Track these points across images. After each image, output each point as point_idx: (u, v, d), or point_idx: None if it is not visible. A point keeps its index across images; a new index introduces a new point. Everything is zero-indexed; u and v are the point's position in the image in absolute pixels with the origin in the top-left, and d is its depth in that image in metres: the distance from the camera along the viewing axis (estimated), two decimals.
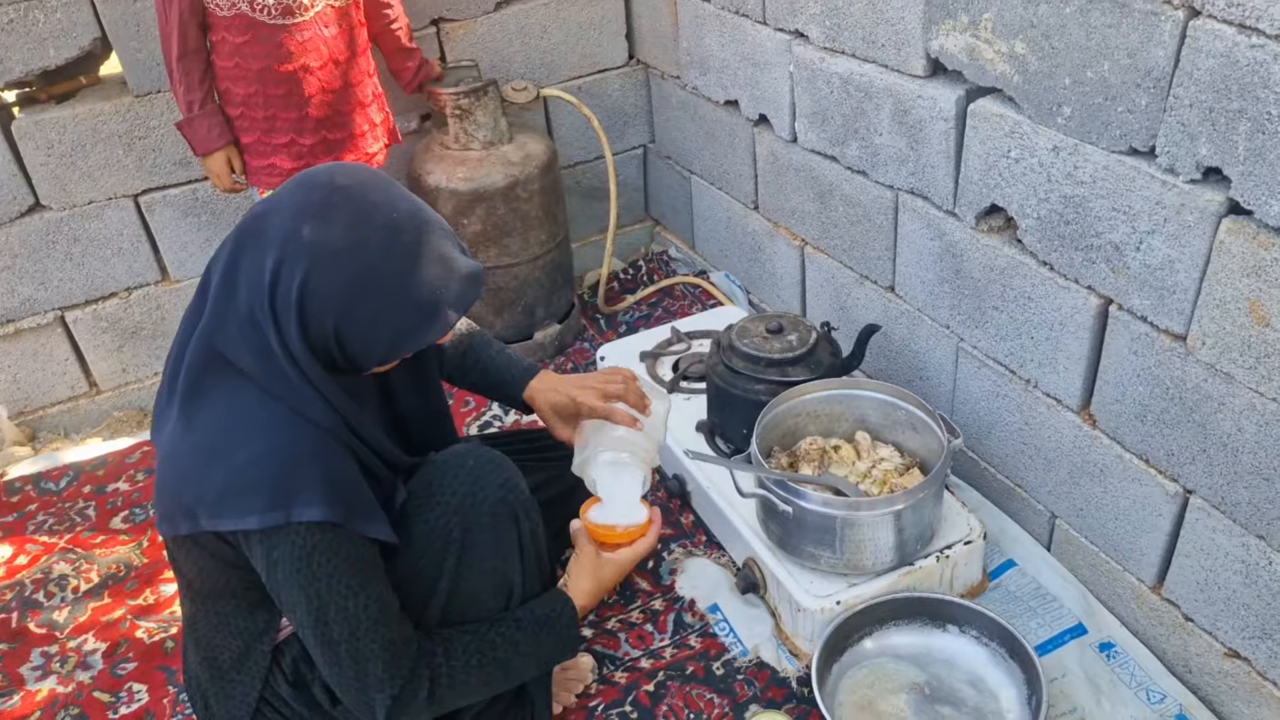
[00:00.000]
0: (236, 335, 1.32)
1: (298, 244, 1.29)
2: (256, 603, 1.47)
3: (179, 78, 2.24)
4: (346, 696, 1.40)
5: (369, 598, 1.37)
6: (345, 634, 1.35)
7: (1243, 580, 1.60)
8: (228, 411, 1.33)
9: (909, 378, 2.27)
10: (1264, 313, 1.42)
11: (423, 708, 1.42)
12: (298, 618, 1.37)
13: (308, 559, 1.32)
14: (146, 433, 2.73)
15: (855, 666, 1.81)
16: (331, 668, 1.38)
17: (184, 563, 1.46)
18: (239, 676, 1.52)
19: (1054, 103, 1.65)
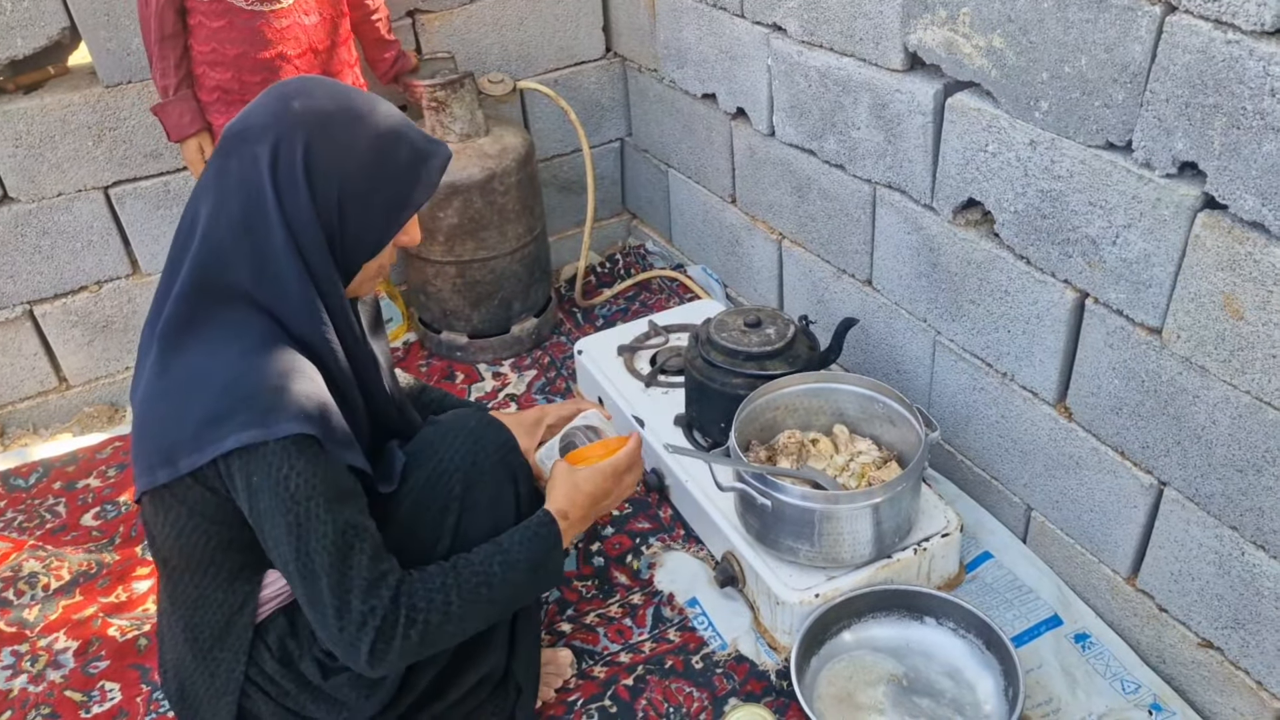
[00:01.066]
0: (228, 245, 1.33)
1: (291, 118, 1.33)
2: (236, 571, 1.46)
3: (156, 62, 2.22)
4: (329, 635, 1.36)
5: (349, 525, 1.34)
6: (326, 564, 1.31)
7: (1216, 571, 1.62)
8: (205, 348, 1.33)
9: (887, 371, 2.28)
10: (1238, 307, 1.43)
11: (410, 644, 1.37)
12: (281, 553, 1.33)
13: (286, 480, 1.29)
14: (119, 428, 2.70)
15: (834, 659, 1.82)
16: (314, 605, 1.34)
17: (161, 530, 1.43)
18: (222, 653, 1.50)
19: (1031, 97, 1.66)
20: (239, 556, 1.44)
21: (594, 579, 2.09)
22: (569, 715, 1.81)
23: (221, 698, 1.51)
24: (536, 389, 2.73)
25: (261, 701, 1.52)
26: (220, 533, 1.41)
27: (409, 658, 1.40)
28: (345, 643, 1.35)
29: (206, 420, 1.30)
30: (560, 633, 1.96)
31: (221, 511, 1.38)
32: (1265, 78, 1.29)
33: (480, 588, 1.43)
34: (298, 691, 1.53)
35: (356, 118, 1.36)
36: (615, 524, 2.21)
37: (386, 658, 1.36)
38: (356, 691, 1.53)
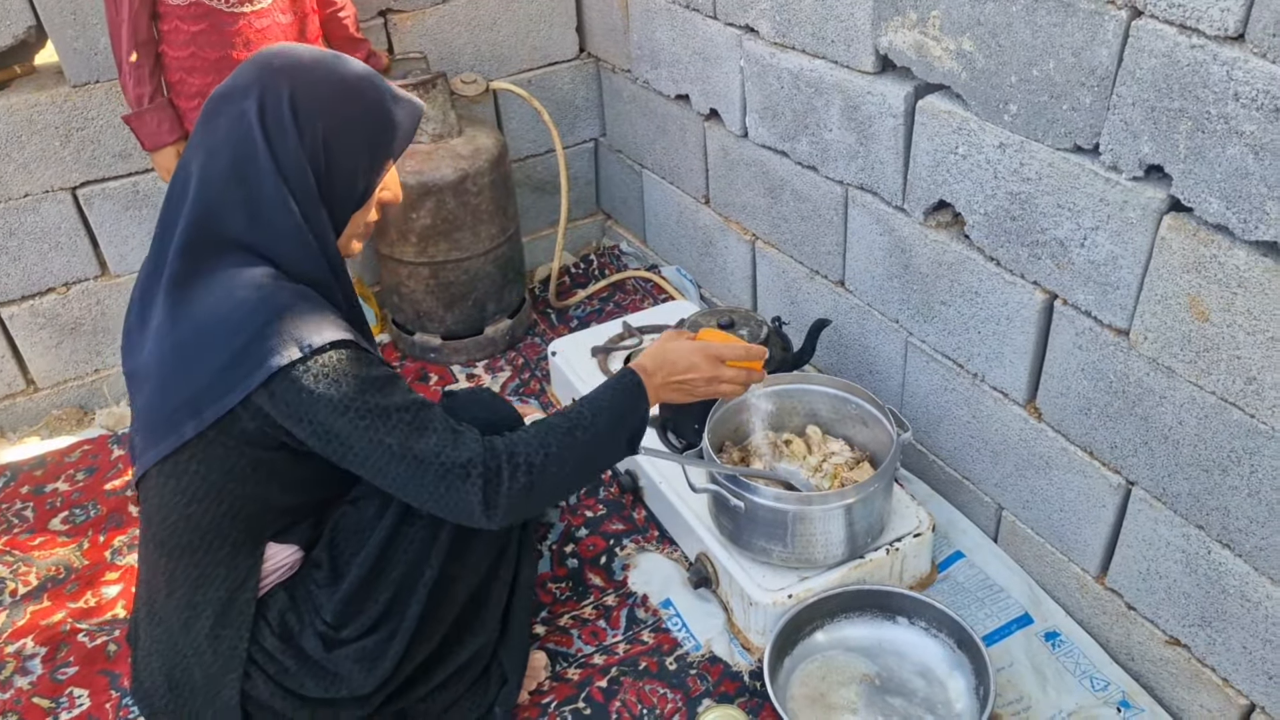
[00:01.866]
0: (222, 196, 1.37)
1: (273, 72, 1.39)
2: (239, 544, 1.47)
3: (129, 70, 2.18)
4: (436, 500, 1.39)
5: (413, 400, 1.39)
6: (403, 438, 1.36)
7: (1183, 569, 1.63)
8: (214, 296, 1.36)
9: (859, 372, 2.29)
10: (1204, 308, 1.45)
11: (518, 486, 1.40)
12: (355, 452, 1.36)
13: (338, 383, 1.34)
14: (87, 431, 2.67)
15: (807, 659, 1.83)
16: (412, 480, 1.38)
17: (171, 499, 1.42)
18: (224, 630, 1.50)
19: (1001, 100, 1.67)
20: (244, 526, 1.46)
21: (568, 581, 2.09)
22: (543, 717, 1.80)
23: (225, 675, 1.51)
24: (511, 390, 2.72)
25: (260, 681, 1.52)
26: (233, 492, 1.42)
27: (524, 501, 1.42)
28: (456, 499, 1.38)
29: (234, 359, 1.32)
30: (534, 635, 1.96)
31: (240, 467, 1.40)
32: (1229, 82, 1.31)
33: (574, 430, 1.47)
34: (297, 668, 1.53)
35: (334, 70, 1.42)
36: (589, 526, 2.21)
37: (498, 501, 1.39)
38: (358, 665, 1.54)
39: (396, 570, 1.55)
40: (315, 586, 1.55)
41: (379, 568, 1.54)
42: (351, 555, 1.55)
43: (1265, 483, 1.45)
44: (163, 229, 1.43)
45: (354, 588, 1.53)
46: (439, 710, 1.70)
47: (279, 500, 1.49)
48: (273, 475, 1.44)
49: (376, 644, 1.55)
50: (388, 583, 1.55)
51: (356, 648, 1.54)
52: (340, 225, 1.48)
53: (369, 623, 1.55)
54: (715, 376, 1.63)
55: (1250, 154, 1.31)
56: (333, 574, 1.55)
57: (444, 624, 1.62)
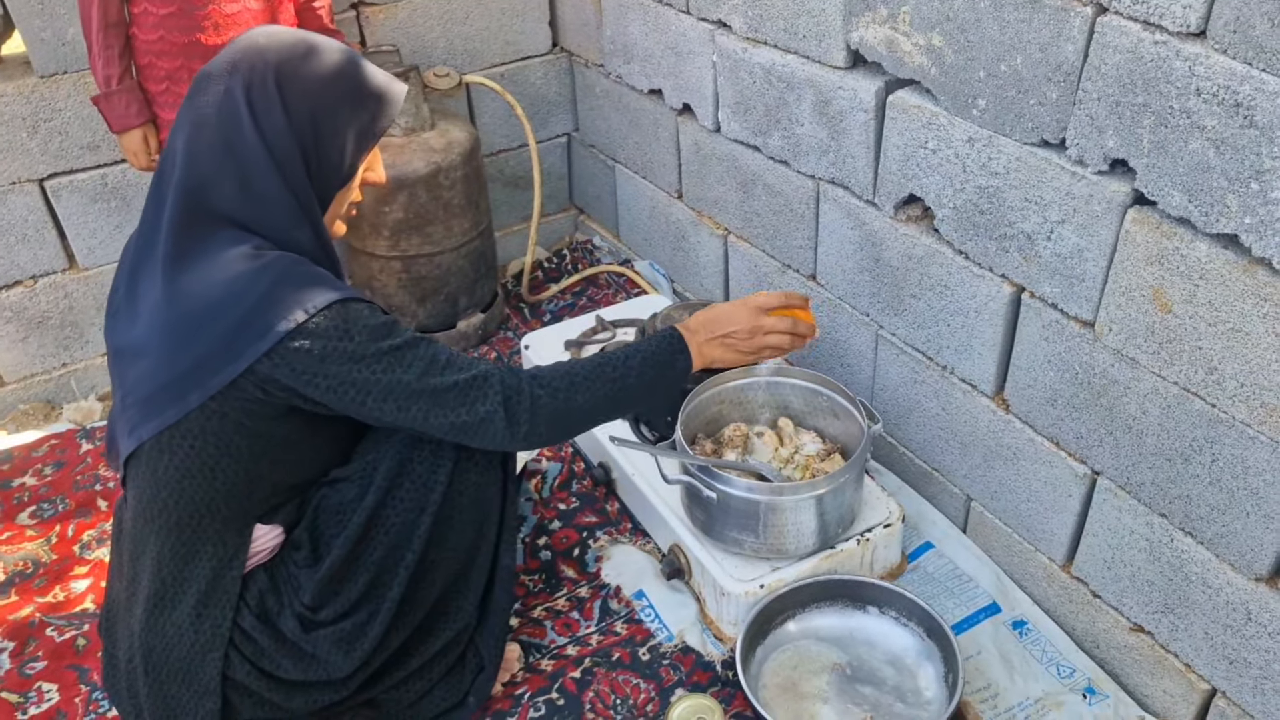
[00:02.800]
0: (211, 170, 1.39)
1: (258, 52, 1.41)
2: (229, 520, 1.48)
3: (98, 51, 2.17)
4: (464, 423, 1.44)
5: (418, 340, 1.44)
6: (420, 372, 1.41)
7: (1147, 557, 1.66)
8: (214, 266, 1.38)
9: (830, 365, 2.31)
10: (1166, 300, 1.47)
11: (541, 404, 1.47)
12: (374, 396, 1.40)
13: (347, 334, 1.37)
14: (55, 425, 2.65)
15: (779, 649, 1.84)
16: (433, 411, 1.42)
17: (164, 474, 1.43)
18: (208, 609, 1.50)
19: (969, 95, 1.69)
20: (235, 505, 1.47)
21: (541, 573, 2.09)
22: (516, 709, 1.81)
23: (207, 654, 1.51)
24: None
25: (237, 661, 1.53)
26: (227, 468, 1.43)
27: (547, 417, 1.48)
28: (479, 415, 1.44)
29: (239, 326, 1.34)
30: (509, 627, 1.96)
31: (236, 443, 1.41)
32: (1191, 78, 1.33)
33: (604, 366, 1.54)
34: (275, 649, 1.54)
35: (319, 49, 1.45)
36: (562, 518, 2.21)
37: (519, 414, 1.46)
38: (336, 647, 1.55)
39: (377, 552, 1.56)
40: (295, 567, 1.56)
41: (359, 550, 1.55)
42: (332, 537, 1.55)
43: (1226, 471, 1.48)
44: (154, 205, 1.44)
45: (334, 569, 1.54)
46: (413, 698, 1.70)
47: (270, 478, 1.49)
48: (267, 451, 1.45)
49: (355, 626, 1.56)
50: (368, 565, 1.56)
51: (335, 630, 1.55)
52: (326, 203, 1.50)
53: (347, 605, 1.55)
54: (757, 327, 1.68)
55: (1211, 148, 1.34)
56: (313, 555, 1.56)
57: (423, 607, 1.63)
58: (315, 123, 1.42)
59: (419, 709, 1.71)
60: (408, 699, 1.70)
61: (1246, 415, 1.42)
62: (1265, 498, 1.43)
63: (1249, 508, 1.46)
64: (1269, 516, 1.44)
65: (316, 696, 1.59)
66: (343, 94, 1.44)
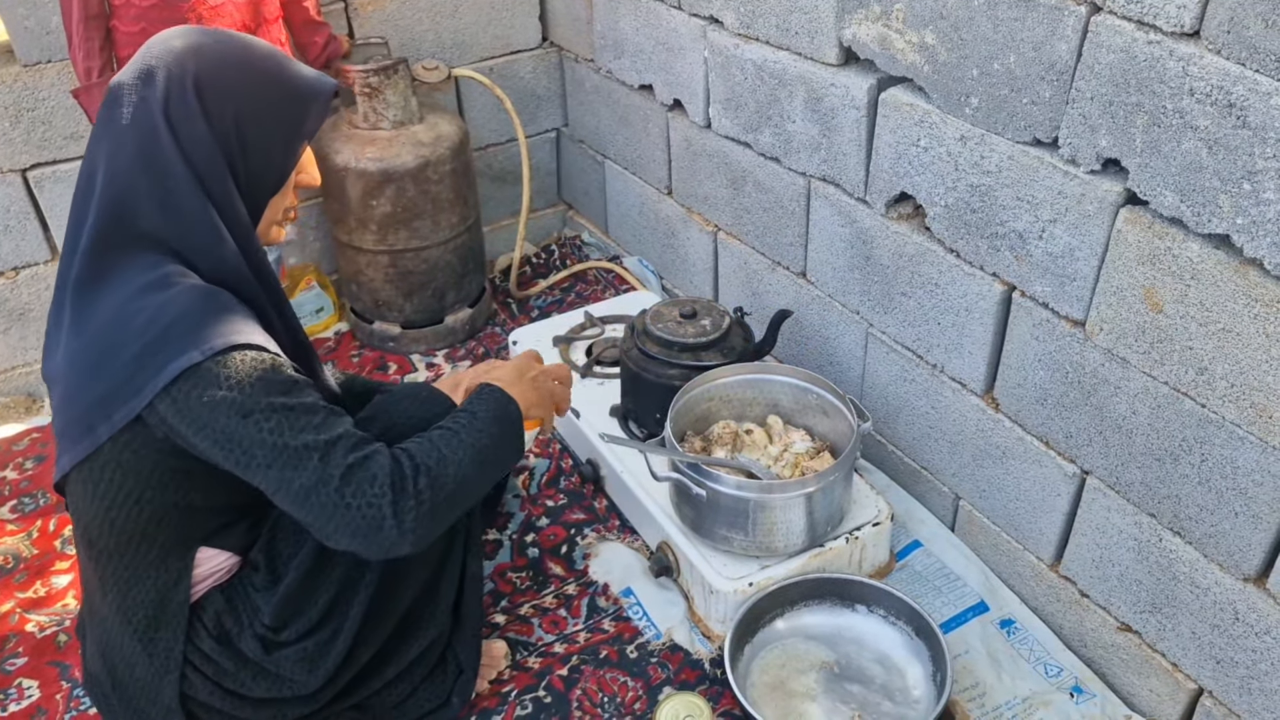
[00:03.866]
0: (130, 187, 1.31)
1: (176, 54, 1.33)
2: (168, 548, 1.43)
3: (79, 44, 2.14)
4: (346, 514, 1.30)
5: (316, 406, 1.33)
6: (307, 441, 1.29)
7: (1135, 557, 1.67)
8: (118, 297, 1.31)
9: (820, 362, 2.31)
10: (1158, 300, 1.47)
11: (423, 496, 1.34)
12: (257, 459, 1.29)
13: (238, 384, 1.27)
14: (36, 419, 2.62)
15: (767, 647, 1.84)
16: (315, 491, 1.29)
17: (90, 506, 1.39)
18: (159, 633, 1.47)
19: (962, 93, 1.69)
20: (170, 531, 1.42)
21: (528, 570, 2.08)
22: (503, 706, 1.80)
23: (164, 677, 1.48)
24: None
25: (199, 682, 1.50)
26: (153, 499, 1.38)
27: (428, 511, 1.35)
28: (364, 508, 1.31)
29: (137, 361, 1.27)
30: (494, 624, 1.95)
31: (155, 474, 1.35)
32: (1184, 77, 1.33)
33: (457, 433, 1.44)
34: (237, 670, 1.51)
35: (240, 49, 1.38)
36: (550, 515, 2.20)
37: (406, 509, 1.32)
38: (300, 665, 1.52)
39: (337, 570, 1.52)
40: (253, 589, 1.52)
41: (317, 568, 1.51)
42: (289, 556, 1.51)
43: (1215, 471, 1.48)
44: (74, 226, 1.37)
45: (292, 589, 1.50)
46: (395, 701, 1.69)
47: (203, 505, 1.44)
48: (191, 483, 1.39)
49: (318, 645, 1.53)
50: (328, 583, 1.52)
51: (297, 649, 1.52)
52: (258, 212, 1.43)
53: (309, 624, 1.52)
54: (545, 371, 1.68)
55: (1204, 148, 1.34)
56: (270, 576, 1.52)
57: (390, 620, 1.60)
58: (240, 130, 1.35)
59: (404, 710, 1.70)
60: (391, 701, 1.68)
61: (1236, 415, 1.42)
62: (1254, 498, 1.44)
63: (1238, 508, 1.47)
64: (1257, 516, 1.44)
65: (286, 711, 1.57)
66: (269, 96, 1.38)
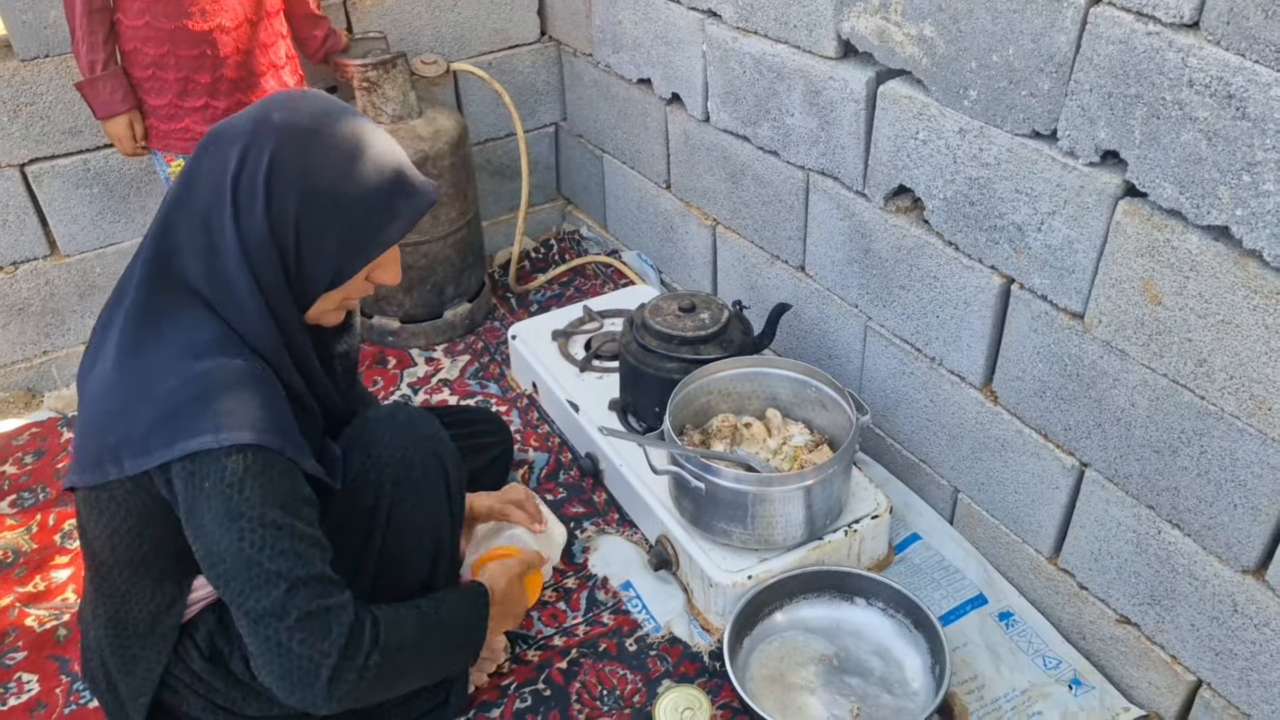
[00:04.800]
0: (185, 239, 1.31)
1: (267, 126, 1.30)
2: (165, 573, 1.43)
3: (82, 37, 2.14)
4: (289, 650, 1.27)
5: (305, 534, 1.29)
6: (281, 568, 1.25)
7: (1134, 549, 1.67)
8: (161, 350, 1.30)
9: (818, 356, 2.31)
10: (1156, 292, 1.47)
11: (367, 669, 1.31)
12: (225, 566, 1.26)
13: (239, 485, 1.24)
14: (36, 414, 2.62)
15: (766, 640, 1.84)
16: (264, 621, 1.26)
17: (95, 526, 1.39)
18: (143, 651, 1.47)
19: (961, 86, 1.69)
20: (170, 562, 1.41)
21: None
22: (503, 699, 1.80)
23: (138, 697, 1.49)
24: (470, 375, 2.71)
25: (191, 699, 1.51)
26: (154, 537, 1.38)
27: (366, 686, 1.33)
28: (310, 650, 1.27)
29: (159, 421, 1.26)
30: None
31: (158, 518, 1.35)
32: (1184, 69, 1.33)
33: (428, 627, 1.44)
34: (228, 689, 1.51)
35: (335, 137, 1.31)
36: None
37: (345, 679, 1.30)
38: None
39: None
40: None
41: None
42: None
43: (1214, 463, 1.48)
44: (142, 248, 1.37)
45: None
46: (395, 702, 1.68)
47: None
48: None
49: None
50: None
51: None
52: (307, 301, 1.39)
53: None
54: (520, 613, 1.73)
55: (1203, 140, 1.34)
56: None
57: None
58: (299, 222, 1.30)
59: (401, 712, 1.70)
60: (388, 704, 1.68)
61: (1235, 407, 1.42)
62: (1253, 490, 1.44)
63: (1237, 500, 1.47)
64: (1256, 508, 1.44)
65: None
66: (345, 197, 1.31)
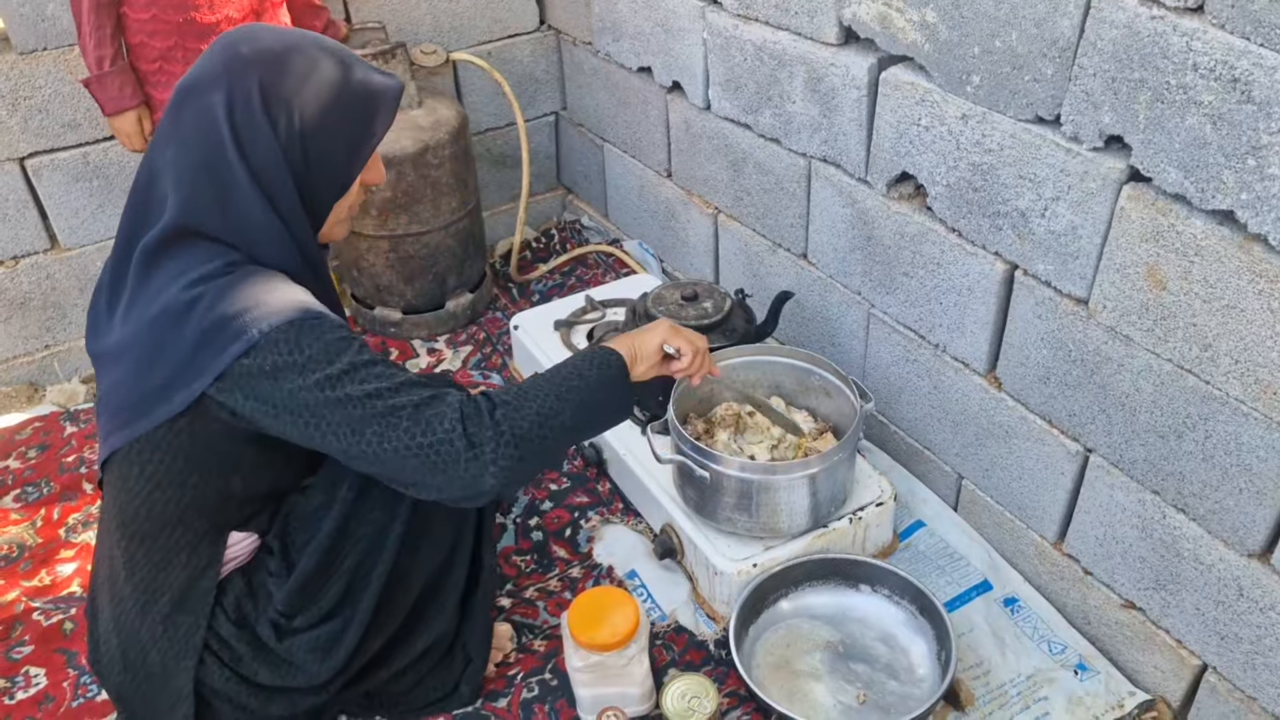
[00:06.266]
0: (197, 192, 1.32)
1: (241, 62, 1.33)
2: (203, 533, 1.45)
3: (89, 32, 2.13)
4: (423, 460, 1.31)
5: (373, 359, 1.33)
6: (371, 390, 1.30)
7: (1139, 534, 1.67)
8: (183, 281, 1.32)
9: (822, 344, 2.30)
10: (1161, 277, 1.47)
11: (503, 433, 1.33)
12: (328, 422, 1.30)
13: (299, 349, 1.28)
14: (38, 408, 2.62)
15: (771, 628, 1.85)
16: (387, 441, 1.30)
17: (134, 486, 1.40)
18: (182, 616, 1.48)
19: (963, 71, 1.68)
20: (207, 518, 1.44)
21: (533, 553, 2.09)
22: (509, 689, 1.80)
23: (180, 661, 1.49)
24: (472, 365, 2.70)
25: (214, 667, 1.51)
26: (197, 484, 1.40)
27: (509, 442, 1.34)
28: (439, 449, 1.31)
29: (200, 344, 1.29)
30: (500, 607, 1.96)
31: (204, 456, 1.37)
32: (1188, 53, 1.33)
33: (544, 376, 1.44)
34: (251, 656, 1.52)
35: (305, 55, 1.36)
36: (554, 499, 2.21)
37: (483, 440, 1.32)
38: (312, 655, 1.53)
39: (349, 561, 1.53)
40: (268, 574, 1.53)
41: (330, 559, 1.52)
42: (303, 544, 1.52)
43: (1219, 447, 1.48)
44: (133, 213, 1.38)
45: (305, 578, 1.51)
46: (405, 690, 1.70)
47: (241, 491, 1.46)
48: (237, 467, 1.41)
49: (330, 634, 1.54)
50: (340, 573, 1.53)
51: (309, 637, 1.53)
52: (322, 216, 1.44)
53: (321, 613, 1.53)
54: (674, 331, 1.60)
55: (1208, 124, 1.33)
56: (284, 563, 1.53)
57: (400, 613, 1.61)
58: (305, 137, 1.35)
59: (411, 699, 1.71)
60: (399, 690, 1.69)
61: (1240, 392, 1.42)
62: (1258, 474, 1.44)
63: (1242, 484, 1.47)
64: (1261, 493, 1.44)
65: (296, 701, 1.58)
66: (334, 101, 1.36)
